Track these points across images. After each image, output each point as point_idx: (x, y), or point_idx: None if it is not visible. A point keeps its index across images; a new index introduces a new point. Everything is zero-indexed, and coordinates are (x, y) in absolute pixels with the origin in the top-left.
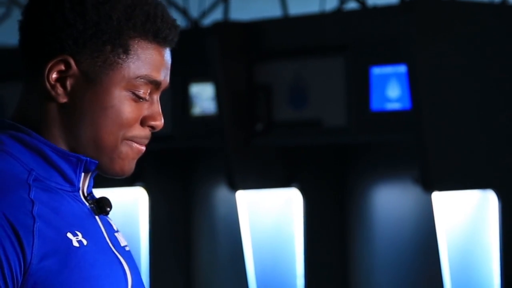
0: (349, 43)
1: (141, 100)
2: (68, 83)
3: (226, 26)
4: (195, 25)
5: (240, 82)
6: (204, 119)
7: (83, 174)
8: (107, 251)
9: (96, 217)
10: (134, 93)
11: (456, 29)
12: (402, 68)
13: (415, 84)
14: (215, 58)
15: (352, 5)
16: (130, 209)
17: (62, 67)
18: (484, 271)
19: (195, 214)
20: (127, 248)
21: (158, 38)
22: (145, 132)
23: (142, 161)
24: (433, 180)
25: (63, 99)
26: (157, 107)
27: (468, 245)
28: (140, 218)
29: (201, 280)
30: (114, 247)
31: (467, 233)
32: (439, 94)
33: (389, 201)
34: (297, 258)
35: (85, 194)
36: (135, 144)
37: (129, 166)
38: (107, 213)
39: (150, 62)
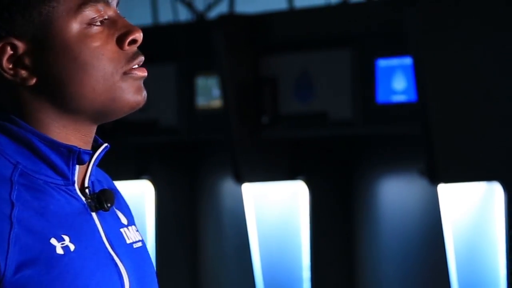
0: (355, 35)
1: (100, 24)
2: (26, 61)
3: (232, 19)
4: (200, 18)
5: (246, 75)
6: (210, 112)
7: (78, 166)
8: (100, 253)
9: (93, 213)
10: (89, 24)
11: (462, 21)
12: (408, 60)
13: (420, 76)
14: (220, 51)
15: None
16: (136, 202)
17: (10, 51)
18: (490, 263)
19: (201, 207)
20: (136, 245)
21: None
22: (132, 51)
23: (149, 154)
24: (439, 172)
25: (32, 80)
26: (123, 21)
27: (474, 237)
28: (146, 211)
29: (208, 273)
30: (113, 247)
31: (473, 225)
32: (445, 86)
33: (395, 193)
34: (303, 251)
35: (86, 185)
36: (135, 71)
37: (141, 93)
38: (105, 209)
39: None
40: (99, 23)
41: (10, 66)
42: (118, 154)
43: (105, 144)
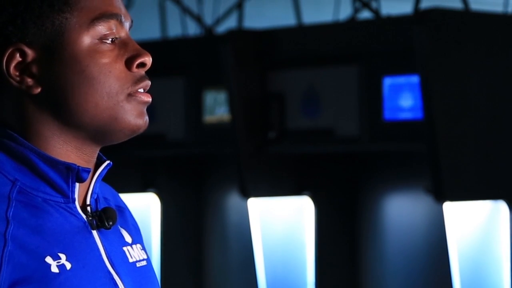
0: (363, 52)
1: (111, 42)
2: (34, 70)
3: (240, 34)
4: (209, 33)
5: (253, 90)
6: (217, 126)
7: (78, 184)
8: (98, 272)
9: (94, 231)
10: (101, 40)
11: (469, 40)
12: (415, 78)
13: (427, 94)
14: (229, 65)
15: (365, 15)
16: (142, 215)
17: (19, 58)
18: (495, 282)
19: (207, 220)
20: (140, 264)
21: None
22: (139, 74)
23: (155, 167)
24: (444, 190)
25: (37, 89)
26: (134, 44)
27: (479, 255)
28: (152, 224)
29: (213, 287)
30: (113, 266)
31: (478, 243)
32: (452, 104)
33: (401, 210)
34: (308, 266)
35: (87, 203)
36: (140, 95)
37: (143, 118)
38: (107, 227)
39: (96, 0)
40: (110, 41)
41: (17, 73)
42: (124, 167)
43: (107, 162)
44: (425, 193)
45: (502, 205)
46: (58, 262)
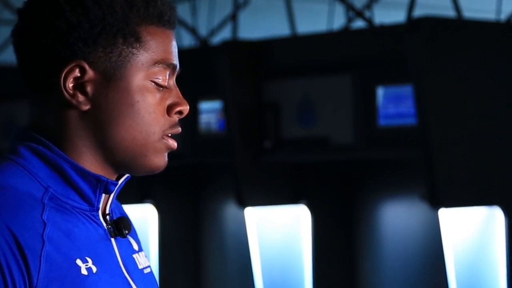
0: (357, 61)
1: (161, 88)
2: (88, 89)
3: (235, 45)
4: (204, 44)
5: (248, 100)
6: (213, 137)
7: (103, 194)
8: (118, 277)
9: (112, 239)
10: (154, 82)
11: (462, 47)
12: (408, 86)
13: (421, 102)
14: (224, 76)
15: (359, 24)
16: (140, 226)
17: (77, 73)
18: (491, 287)
19: (204, 230)
20: (147, 270)
21: (162, 21)
22: (175, 120)
23: (152, 178)
24: (440, 196)
25: (86, 106)
26: (178, 92)
27: (474, 261)
28: (150, 235)
29: None
30: (128, 272)
31: (474, 249)
32: (446, 111)
33: (397, 217)
34: (305, 274)
35: (107, 212)
36: (170, 140)
37: (164, 160)
38: (124, 235)
39: (162, 46)
40: (160, 85)
41: (71, 86)
42: None
43: (127, 175)
44: (421, 199)
45: (497, 211)
46: (86, 265)
